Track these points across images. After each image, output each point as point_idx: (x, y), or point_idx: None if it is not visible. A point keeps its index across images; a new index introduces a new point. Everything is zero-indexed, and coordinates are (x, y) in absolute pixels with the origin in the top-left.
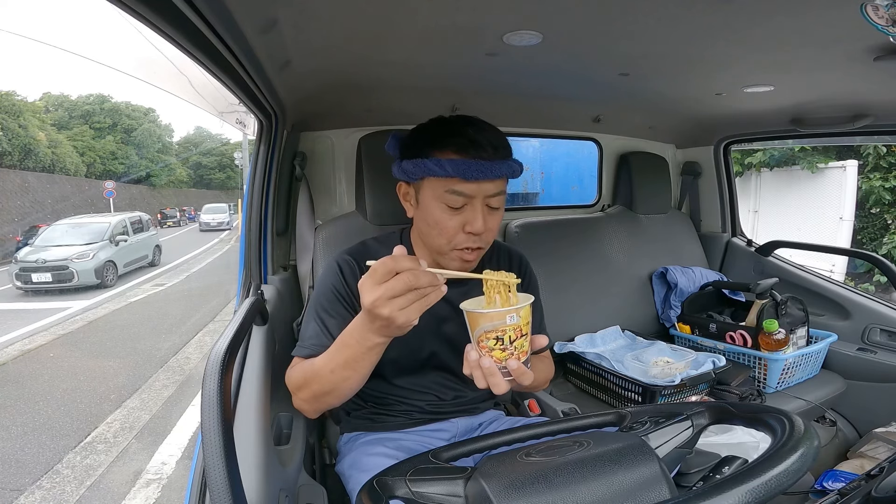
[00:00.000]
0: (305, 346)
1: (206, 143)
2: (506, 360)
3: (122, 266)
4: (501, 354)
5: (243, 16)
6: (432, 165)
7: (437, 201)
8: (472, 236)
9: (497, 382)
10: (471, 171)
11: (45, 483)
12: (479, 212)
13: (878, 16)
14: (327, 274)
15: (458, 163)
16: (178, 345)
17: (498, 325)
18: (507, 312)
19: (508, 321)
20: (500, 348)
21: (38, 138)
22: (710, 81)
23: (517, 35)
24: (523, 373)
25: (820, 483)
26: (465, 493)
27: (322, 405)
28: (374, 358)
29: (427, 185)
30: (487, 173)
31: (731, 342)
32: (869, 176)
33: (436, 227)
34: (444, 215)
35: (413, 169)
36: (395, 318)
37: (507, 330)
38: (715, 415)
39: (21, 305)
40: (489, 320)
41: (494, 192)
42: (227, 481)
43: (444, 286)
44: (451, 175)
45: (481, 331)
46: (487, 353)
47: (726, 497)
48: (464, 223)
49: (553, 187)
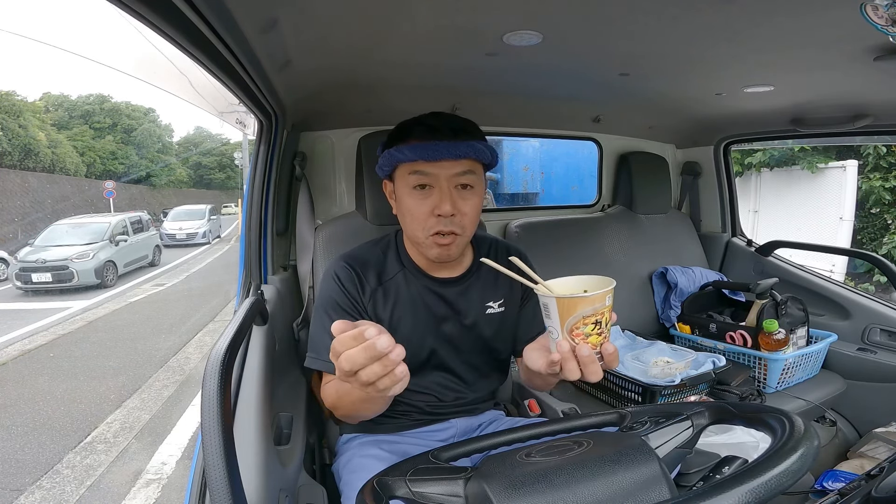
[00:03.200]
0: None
1: (206, 143)
2: (601, 345)
3: (122, 266)
4: (597, 339)
5: (243, 16)
6: (396, 153)
7: (406, 188)
8: (443, 219)
9: (596, 370)
10: (429, 151)
11: (45, 483)
12: (447, 193)
13: (878, 16)
14: (326, 284)
15: (417, 146)
16: (178, 345)
17: (599, 307)
18: (606, 293)
19: (607, 302)
20: (597, 332)
21: (38, 138)
22: (710, 81)
23: (517, 35)
24: (616, 356)
25: (820, 483)
26: (465, 494)
27: (355, 420)
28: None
29: (398, 176)
30: (445, 153)
31: (731, 342)
32: (869, 176)
33: (409, 214)
34: (413, 201)
35: (385, 161)
36: (382, 389)
37: (605, 312)
38: (715, 415)
39: (21, 305)
40: (590, 304)
41: (460, 171)
42: (227, 481)
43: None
44: (414, 158)
45: (579, 317)
46: (583, 341)
47: (726, 497)
48: (433, 207)
49: (553, 187)
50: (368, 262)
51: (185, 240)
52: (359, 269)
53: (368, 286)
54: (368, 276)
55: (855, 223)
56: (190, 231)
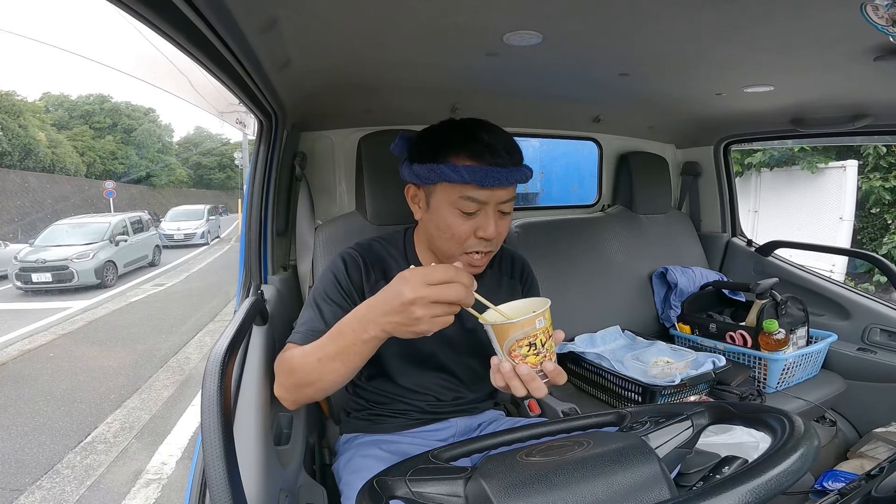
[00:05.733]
0: (299, 332)
1: (206, 143)
2: (541, 364)
3: (122, 266)
4: (536, 359)
5: (243, 16)
6: (448, 171)
7: (450, 206)
8: (483, 241)
9: (538, 386)
10: (487, 178)
11: (45, 483)
12: (492, 217)
13: (878, 16)
14: (330, 265)
15: (475, 169)
16: (178, 345)
17: (529, 331)
18: (536, 317)
19: (538, 325)
20: (533, 353)
21: (38, 138)
22: (710, 81)
23: (517, 35)
24: (559, 373)
25: (820, 483)
26: (465, 494)
27: (301, 396)
28: (366, 353)
29: (440, 190)
30: (503, 180)
31: (731, 342)
32: (869, 176)
33: (447, 231)
34: (456, 220)
35: (427, 174)
36: (421, 321)
37: (537, 334)
38: (715, 415)
39: (21, 305)
40: (520, 328)
41: (507, 198)
42: (227, 481)
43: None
44: (468, 182)
45: (512, 340)
46: (522, 361)
47: (726, 497)
48: (475, 228)
49: (553, 187)
50: (377, 254)
51: (183, 240)
52: (367, 258)
53: (373, 276)
54: (375, 267)
55: (855, 223)
56: (188, 231)
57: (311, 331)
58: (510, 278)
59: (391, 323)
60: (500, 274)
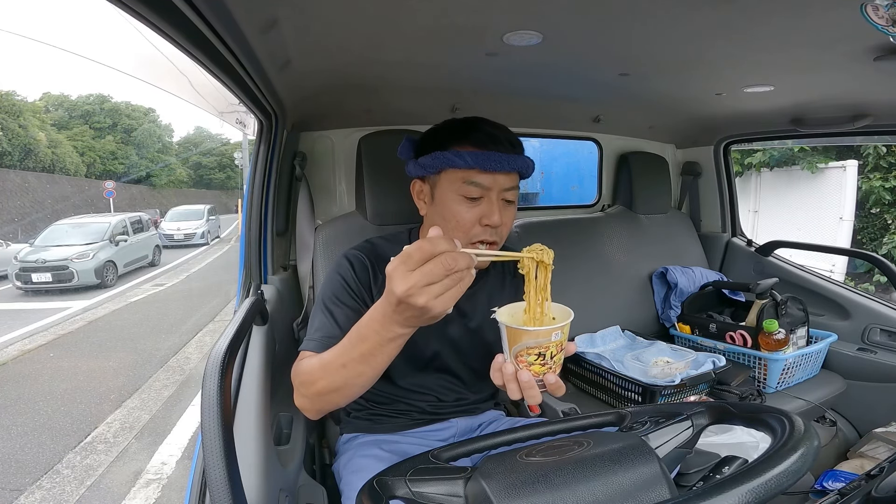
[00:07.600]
0: (314, 339)
1: (206, 143)
2: (544, 375)
3: (122, 266)
4: (541, 369)
5: (243, 16)
6: (452, 156)
7: (454, 194)
8: (489, 229)
9: (534, 395)
10: (489, 161)
11: (45, 483)
12: (496, 204)
13: (878, 16)
14: (336, 267)
15: (478, 154)
16: (178, 345)
17: (543, 341)
18: (553, 330)
19: (553, 338)
20: (540, 363)
21: (38, 138)
22: (710, 81)
23: (517, 35)
24: (559, 386)
25: (820, 483)
26: (465, 494)
27: (326, 404)
28: (393, 352)
29: (445, 178)
30: (504, 165)
31: (731, 342)
32: (869, 176)
33: (453, 219)
34: (461, 208)
35: (431, 162)
36: (431, 308)
37: (550, 347)
38: (715, 415)
39: (21, 305)
40: (534, 337)
41: (509, 185)
42: (227, 481)
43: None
44: (471, 166)
45: (522, 346)
46: (526, 368)
47: (726, 497)
48: (480, 216)
49: (553, 187)
50: (381, 254)
51: (183, 240)
52: (373, 259)
53: (381, 277)
54: (381, 267)
55: (855, 223)
56: (188, 231)
57: (326, 337)
58: (514, 277)
59: (405, 318)
60: (503, 273)
